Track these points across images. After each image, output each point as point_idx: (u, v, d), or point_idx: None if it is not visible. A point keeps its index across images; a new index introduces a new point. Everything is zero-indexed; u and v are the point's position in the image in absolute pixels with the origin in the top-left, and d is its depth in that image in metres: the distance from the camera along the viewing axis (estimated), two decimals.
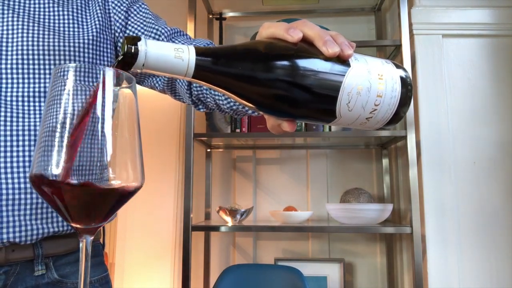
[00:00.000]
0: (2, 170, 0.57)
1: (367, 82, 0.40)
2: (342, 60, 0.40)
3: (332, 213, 1.45)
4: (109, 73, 0.36)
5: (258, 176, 1.77)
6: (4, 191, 0.57)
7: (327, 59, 0.39)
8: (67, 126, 0.34)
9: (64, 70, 0.35)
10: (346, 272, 1.64)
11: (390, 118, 0.43)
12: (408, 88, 0.43)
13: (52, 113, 0.34)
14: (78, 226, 0.35)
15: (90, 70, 0.36)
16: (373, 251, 1.68)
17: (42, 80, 0.62)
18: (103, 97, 0.35)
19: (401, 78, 0.43)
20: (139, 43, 0.36)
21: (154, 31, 0.73)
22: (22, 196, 0.58)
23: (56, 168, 0.33)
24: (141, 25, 0.74)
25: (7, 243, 0.57)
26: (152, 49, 0.36)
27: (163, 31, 0.74)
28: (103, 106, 0.35)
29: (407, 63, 1.37)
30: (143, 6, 0.77)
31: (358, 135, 1.49)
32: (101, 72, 0.35)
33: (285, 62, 0.38)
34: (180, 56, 0.37)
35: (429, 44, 1.46)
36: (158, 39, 0.73)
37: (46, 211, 0.60)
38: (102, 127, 0.34)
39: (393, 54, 1.51)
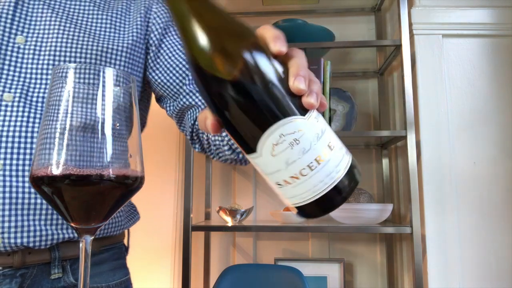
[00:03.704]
0: (20, 173, 0.57)
1: (307, 143, 0.34)
2: (301, 105, 0.35)
3: (332, 213, 1.45)
4: (109, 73, 0.36)
5: (258, 176, 1.77)
6: (20, 195, 0.56)
7: (288, 90, 0.34)
8: (67, 126, 0.34)
9: (64, 70, 0.35)
10: (346, 272, 1.64)
11: (305, 203, 0.36)
12: (345, 191, 0.36)
13: (52, 113, 0.34)
14: (78, 226, 0.35)
15: (90, 70, 0.36)
16: (373, 251, 1.68)
17: None
18: (103, 97, 0.35)
19: (348, 174, 0.36)
20: None
21: (182, 68, 0.72)
22: (38, 201, 0.57)
23: (56, 168, 0.33)
24: (173, 53, 0.72)
25: (21, 247, 0.56)
26: None
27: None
28: (103, 106, 0.35)
29: (407, 63, 1.37)
30: None
31: (358, 135, 1.49)
32: (101, 72, 0.35)
33: (247, 56, 0.33)
34: None
35: (429, 44, 1.46)
36: (184, 72, 0.72)
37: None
38: (102, 127, 0.34)
39: (393, 54, 1.51)
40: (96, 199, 0.35)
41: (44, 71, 0.60)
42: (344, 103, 1.56)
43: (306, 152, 0.34)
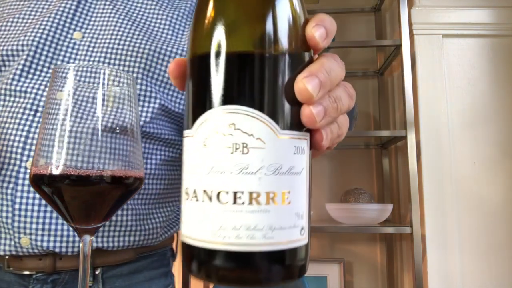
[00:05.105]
0: None
1: (256, 163, 0.23)
2: (290, 116, 0.24)
3: (332, 213, 1.45)
4: (109, 72, 0.36)
5: None
6: None
7: (289, 86, 0.25)
8: (67, 126, 0.34)
9: (64, 70, 0.35)
10: (346, 272, 1.64)
11: (200, 245, 0.23)
12: (261, 274, 0.23)
13: (52, 113, 0.34)
14: (78, 226, 0.35)
15: (90, 70, 0.36)
16: (373, 251, 1.68)
17: None
18: (103, 97, 0.35)
19: (286, 256, 0.24)
20: None
21: None
22: None
23: (55, 168, 0.33)
24: None
25: (49, 251, 0.54)
26: None
27: None
28: (103, 106, 0.35)
29: (407, 63, 1.37)
30: None
31: (358, 135, 1.49)
32: (101, 71, 0.35)
33: (272, 16, 0.25)
34: None
35: (429, 44, 1.46)
36: None
37: None
38: (102, 127, 0.34)
39: (393, 54, 1.51)
40: (95, 199, 0.35)
41: None
42: None
43: (244, 174, 0.23)
